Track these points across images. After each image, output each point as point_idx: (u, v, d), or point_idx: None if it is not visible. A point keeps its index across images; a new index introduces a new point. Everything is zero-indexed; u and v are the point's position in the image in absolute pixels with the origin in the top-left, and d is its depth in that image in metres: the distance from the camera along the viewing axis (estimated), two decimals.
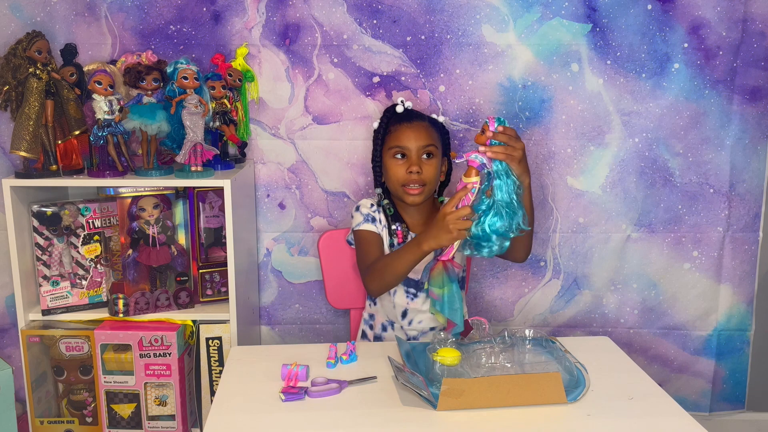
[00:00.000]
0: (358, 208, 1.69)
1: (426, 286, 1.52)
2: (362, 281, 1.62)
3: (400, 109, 1.64)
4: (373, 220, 1.66)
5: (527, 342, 1.42)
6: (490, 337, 1.42)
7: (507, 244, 1.40)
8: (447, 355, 1.31)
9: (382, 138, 1.66)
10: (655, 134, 1.94)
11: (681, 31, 1.89)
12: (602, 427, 1.18)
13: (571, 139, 1.95)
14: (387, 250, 1.66)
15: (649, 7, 1.87)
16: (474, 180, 1.38)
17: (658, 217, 2.00)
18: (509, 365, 1.31)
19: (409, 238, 1.67)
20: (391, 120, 1.65)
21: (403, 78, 1.91)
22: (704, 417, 2.11)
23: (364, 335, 1.78)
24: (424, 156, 1.61)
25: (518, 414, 1.20)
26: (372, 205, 1.70)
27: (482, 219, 1.37)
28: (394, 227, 1.66)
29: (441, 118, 1.69)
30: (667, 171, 1.97)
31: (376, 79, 1.91)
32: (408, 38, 1.89)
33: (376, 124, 1.67)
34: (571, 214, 1.99)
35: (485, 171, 1.38)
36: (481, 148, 1.37)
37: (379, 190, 1.71)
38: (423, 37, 1.89)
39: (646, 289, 2.04)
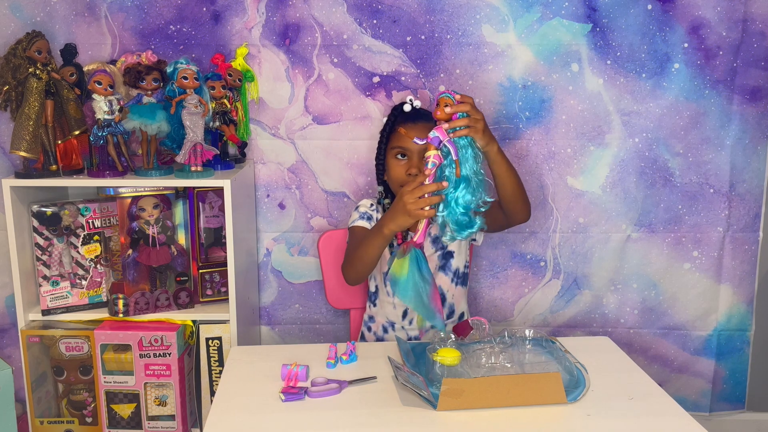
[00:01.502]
0: (357, 208, 1.71)
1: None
2: (343, 266, 1.64)
3: (407, 108, 1.62)
4: (369, 218, 1.68)
5: (527, 342, 1.42)
6: (490, 337, 1.42)
7: (479, 222, 1.39)
8: (447, 355, 1.31)
9: (387, 136, 1.67)
10: (655, 134, 1.94)
11: (681, 31, 1.89)
12: (602, 427, 1.18)
13: (571, 139, 1.95)
14: (386, 250, 1.66)
15: (649, 7, 1.87)
16: (429, 154, 1.36)
17: (658, 217, 1.99)
18: (509, 365, 1.31)
19: (408, 238, 1.66)
20: (398, 118, 1.65)
21: (403, 78, 1.91)
22: (704, 417, 2.11)
23: (363, 338, 1.78)
24: None
25: (518, 414, 1.20)
26: (372, 204, 1.71)
27: (449, 197, 1.36)
28: None
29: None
30: (667, 171, 1.97)
31: (376, 79, 1.91)
32: (408, 38, 1.89)
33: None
34: (571, 214, 1.99)
35: (444, 147, 1.36)
36: (445, 126, 1.36)
37: (380, 188, 1.72)
38: (423, 37, 1.89)
39: (646, 289, 2.04)
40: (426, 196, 1.36)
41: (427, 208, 1.36)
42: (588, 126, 1.94)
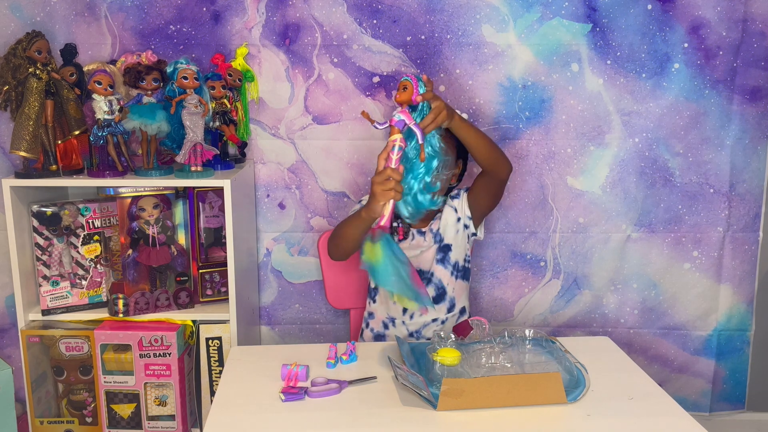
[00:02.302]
0: (360, 201, 1.73)
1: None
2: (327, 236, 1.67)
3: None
4: None
5: (527, 342, 1.42)
6: (490, 337, 1.42)
7: (439, 201, 1.50)
8: (447, 355, 1.31)
9: None
10: (655, 134, 1.94)
11: (681, 31, 1.89)
12: (602, 427, 1.18)
13: (571, 139, 1.95)
14: None
15: (649, 7, 1.87)
16: (394, 138, 1.37)
17: (658, 217, 1.99)
18: (509, 365, 1.31)
19: (410, 235, 1.69)
20: None
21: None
22: (704, 417, 2.11)
23: (362, 335, 1.78)
24: None
25: (518, 414, 1.20)
26: None
27: (411, 177, 1.43)
28: (395, 224, 1.66)
29: (464, 116, 1.65)
30: (667, 171, 1.97)
31: (376, 79, 1.91)
32: (408, 38, 1.89)
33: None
34: (571, 214, 1.99)
35: (406, 129, 1.38)
36: (399, 114, 1.37)
37: None
38: (423, 37, 1.89)
39: (646, 289, 2.04)
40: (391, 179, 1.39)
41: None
42: (588, 126, 1.94)
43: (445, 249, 1.69)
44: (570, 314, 2.06)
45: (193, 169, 1.66)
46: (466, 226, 1.69)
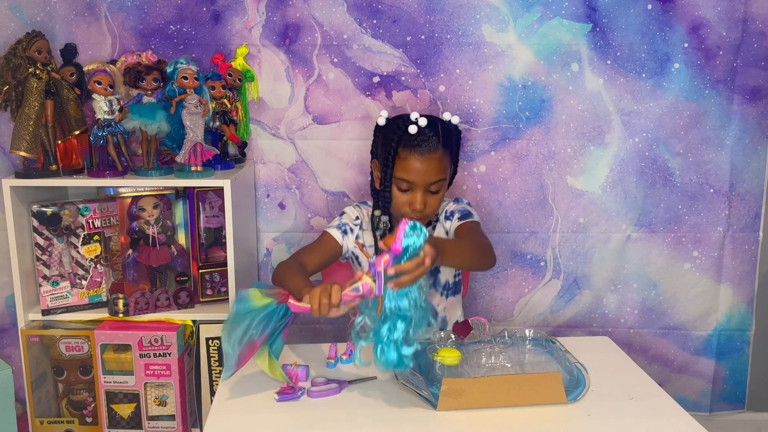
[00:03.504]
0: (342, 214, 1.62)
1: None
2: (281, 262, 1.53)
3: (413, 129, 1.44)
4: (346, 232, 1.58)
5: (527, 342, 1.42)
6: (490, 337, 1.42)
7: (407, 363, 1.20)
8: (447, 355, 1.31)
9: (392, 159, 1.47)
10: (655, 134, 1.94)
11: (681, 31, 1.89)
12: (602, 427, 1.18)
13: (571, 139, 1.95)
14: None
15: (649, 6, 1.87)
16: (365, 280, 1.18)
17: (658, 217, 1.99)
18: (509, 365, 1.31)
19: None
20: (402, 139, 1.46)
21: (403, 78, 1.91)
22: (704, 417, 2.11)
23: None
24: (431, 190, 1.50)
25: (518, 414, 1.20)
26: (357, 217, 1.61)
27: (379, 330, 1.19)
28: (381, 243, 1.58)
29: (455, 119, 1.54)
30: (667, 171, 1.97)
31: (376, 79, 1.91)
32: (408, 38, 1.89)
33: (381, 120, 1.53)
34: (571, 214, 1.99)
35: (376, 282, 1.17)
36: (379, 259, 1.16)
37: (386, 218, 1.56)
38: (423, 37, 1.89)
39: (646, 289, 2.04)
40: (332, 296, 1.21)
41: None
42: (588, 126, 1.94)
43: (434, 272, 1.63)
44: (570, 314, 2.06)
45: (193, 169, 1.66)
46: None
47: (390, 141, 1.47)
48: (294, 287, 1.34)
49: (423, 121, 1.46)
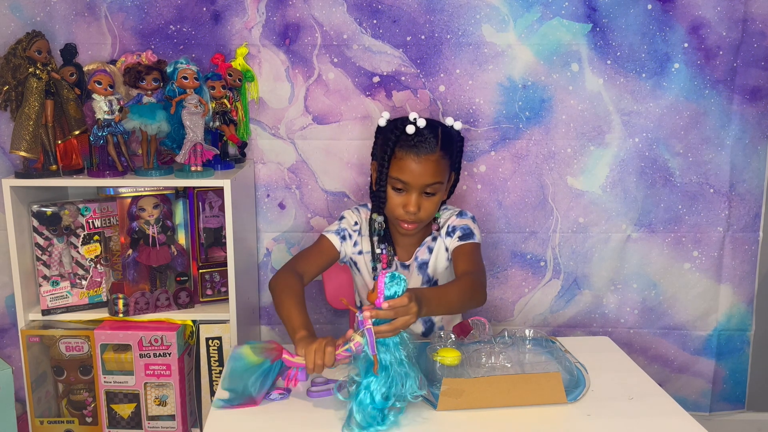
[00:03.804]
0: (341, 218, 1.60)
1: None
2: (278, 270, 1.52)
3: (410, 130, 1.43)
4: (344, 238, 1.57)
5: (527, 342, 1.42)
6: (490, 337, 1.42)
7: (392, 420, 1.16)
8: (447, 355, 1.31)
9: (389, 159, 1.46)
10: (655, 134, 1.94)
11: (681, 31, 1.89)
12: (602, 427, 1.18)
13: (571, 139, 1.95)
14: (368, 274, 1.60)
15: (649, 6, 1.87)
16: (355, 338, 1.17)
17: (658, 217, 1.99)
18: (509, 365, 1.31)
19: (393, 265, 1.59)
20: (400, 139, 1.45)
21: (403, 78, 1.91)
22: (704, 417, 2.11)
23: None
24: (426, 193, 1.48)
25: (518, 414, 1.20)
26: (356, 222, 1.59)
27: (361, 386, 1.15)
28: (378, 251, 1.57)
29: (458, 125, 1.51)
30: (667, 171, 1.97)
31: (376, 79, 1.91)
32: (408, 38, 1.89)
33: (382, 122, 1.52)
34: (571, 214, 1.99)
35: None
36: (365, 314, 1.14)
37: (380, 219, 1.55)
38: (423, 37, 1.89)
39: (646, 289, 2.04)
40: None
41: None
42: (588, 126, 1.94)
43: (433, 285, 1.60)
44: (570, 314, 2.06)
45: (193, 169, 1.66)
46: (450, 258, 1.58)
47: (387, 140, 1.46)
48: (289, 321, 1.36)
49: (422, 122, 1.45)
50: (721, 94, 1.92)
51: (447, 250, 1.57)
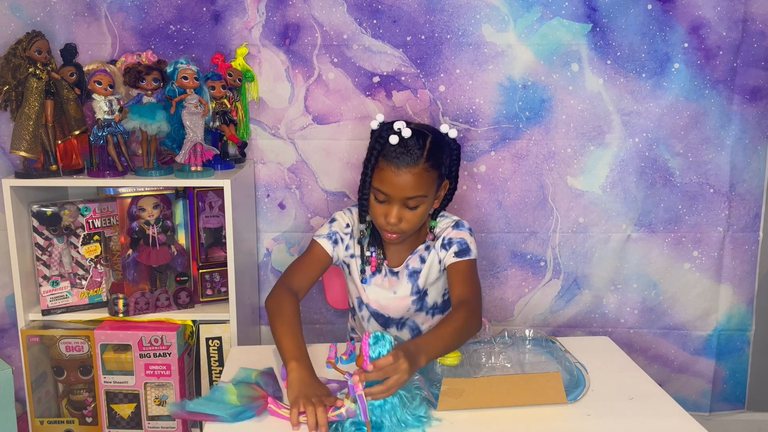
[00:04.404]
0: (332, 221, 1.56)
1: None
2: (274, 286, 1.48)
3: (394, 140, 1.36)
4: (336, 242, 1.53)
5: (527, 342, 1.42)
6: (490, 337, 1.42)
7: None
8: (447, 355, 1.31)
9: (372, 167, 1.41)
10: (655, 134, 1.94)
11: (681, 31, 1.89)
12: (602, 427, 1.18)
13: (571, 139, 1.95)
14: (358, 277, 1.56)
15: (649, 7, 1.87)
16: (348, 407, 1.14)
17: (658, 217, 1.99)
18: (509, 365, 1.31)
19: (383, 270, 1.54)
20: (384, 148, 1.38)
21: (403, 78, 1.91)
22: (704, 417, 2.11)
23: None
24: (408, 206, 1.41)
25: (518, 414, 1.20)
26: (347, 224, 1.55)
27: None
28: (368, 254, 1.53)
29: (453, 132, 1.44)
30: (667, 171, 1.97)
31: (376, 79, 1.91)
32: (408, 38, 1.89)
33: (375, 124, 1.45)
34: (571, 214, 1.99)
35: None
36: (355, 378, 1.11)
37: (362, 227, 1.53)
38: (423, 37, 1.89)
39: (646, 289, 2.04)
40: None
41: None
42: (588, 126, 1.94)
43: (422, 297, 1.56)
44: (570, 314, 2.06)
45: (193, 169, 1.66)
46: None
47: (372, 149, 1.40)
48: (281, 348, 1.33)
49: (407, 132, 1.36)
50: (721, 94, 1.92)
51: (441, 262, 1.51)
